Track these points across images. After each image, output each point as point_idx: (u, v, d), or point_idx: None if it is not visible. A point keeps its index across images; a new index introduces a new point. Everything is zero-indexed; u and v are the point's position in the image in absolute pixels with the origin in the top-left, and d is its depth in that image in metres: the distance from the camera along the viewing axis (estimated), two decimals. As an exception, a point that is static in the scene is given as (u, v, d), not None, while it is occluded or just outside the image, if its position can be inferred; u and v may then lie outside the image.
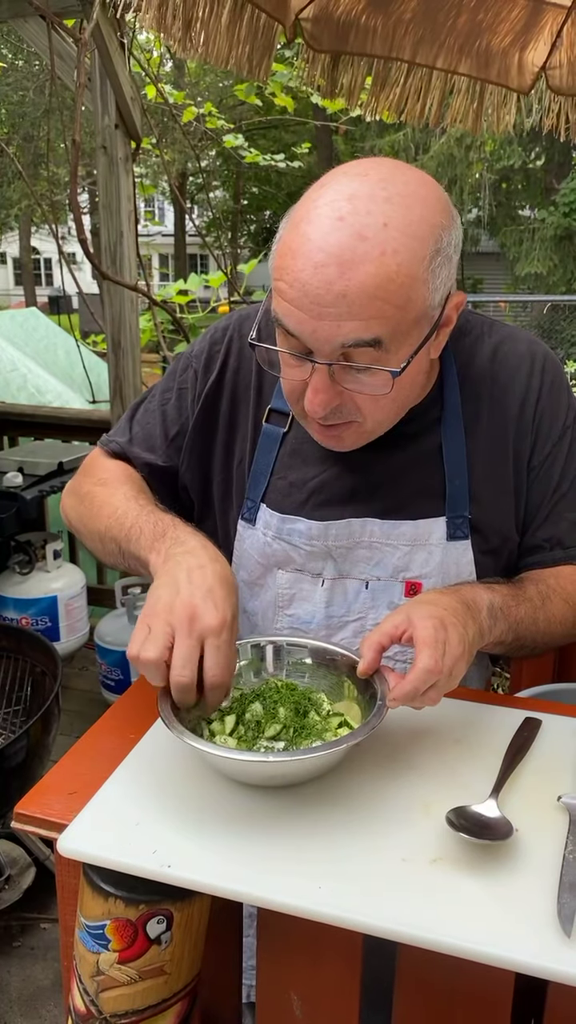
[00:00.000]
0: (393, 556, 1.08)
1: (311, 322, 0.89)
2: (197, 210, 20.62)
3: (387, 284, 0.86)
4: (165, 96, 3.72)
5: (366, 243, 0.86)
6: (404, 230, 0.87)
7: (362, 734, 0.82)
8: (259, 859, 0.76)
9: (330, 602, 1.10)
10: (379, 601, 1.09)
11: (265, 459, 1.11)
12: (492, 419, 1.09)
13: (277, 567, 1.12)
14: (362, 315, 0.87)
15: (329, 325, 0.88)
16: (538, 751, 0.92)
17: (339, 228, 0.86)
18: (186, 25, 1.78)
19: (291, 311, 0.90)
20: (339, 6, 2.01)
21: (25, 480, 2.99)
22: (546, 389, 1.10)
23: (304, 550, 1.09)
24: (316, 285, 0.87)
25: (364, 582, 1.09)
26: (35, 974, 2.03)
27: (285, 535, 1.09)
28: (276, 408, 1.12)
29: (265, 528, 1.11)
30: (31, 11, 2.56)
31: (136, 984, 0.78)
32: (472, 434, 1.08)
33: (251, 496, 1.12)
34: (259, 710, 0.91)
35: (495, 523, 1.10)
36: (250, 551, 1.13)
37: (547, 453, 1.10)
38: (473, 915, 0.70)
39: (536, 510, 1.11)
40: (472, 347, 1.10)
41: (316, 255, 0.87)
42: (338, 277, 0.86)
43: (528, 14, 2.03)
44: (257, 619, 1.16)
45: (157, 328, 3.62)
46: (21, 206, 16.44)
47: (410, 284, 0.88)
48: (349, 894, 0.72)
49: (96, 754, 0.94)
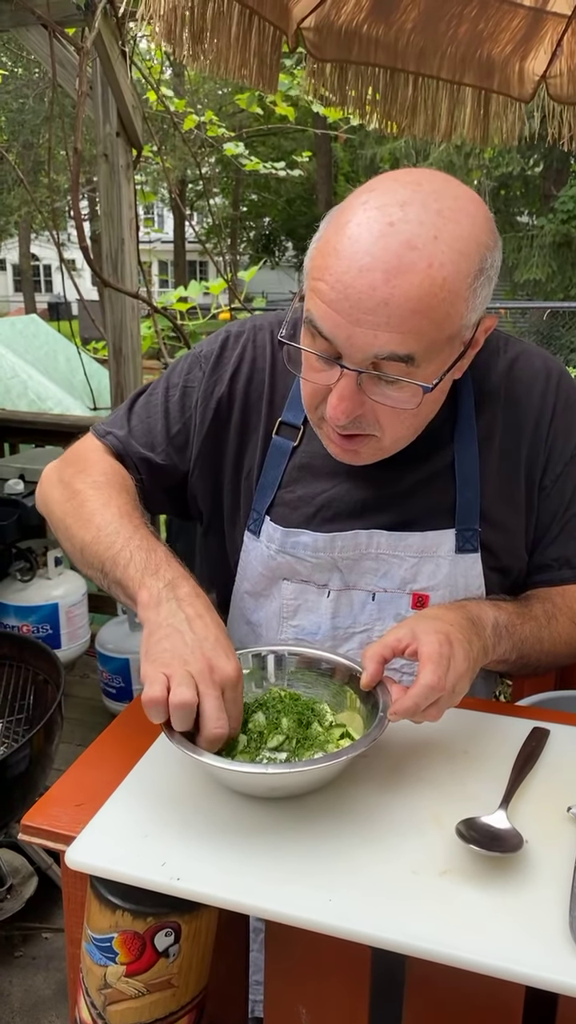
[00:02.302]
0: (400, 568, 1.07)
1: (347, 327, 0.86)
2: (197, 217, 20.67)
3: (430, 298, 0.84)
4: (166, 104, 3.73)
5: (415, 252, 0.83)
6: (453, 245, 0.85)
7: (363, 745, 0.82)
8: (268, 871, 0.76)
9: (336, 613, 1.09)
10: (386, 613, 1.08)
11: (273, 472, 1.10)
12: (505, 436, 1.08)
13: (282, 578, 1.11)
14: (401, 328, 0.85)
15: (365, 333, 0.86)
16: (546, 761, 0.92)
17: (389, 234, 0.84)
18: (195, 37, 1.79)
19: (328, 314, 0.87)
20: (340, 15, 2.02)
21: (26, 487, 2.99)
22: (560, 407, 1.09)
23: (310, 562, 1.08)
24: (359, 289, 0.84)
25: (371, 593, 1.08)
26: (37, 984, 2.02)
27: (289, 548, 1.08)
28: (287, 421, 1.10)
29: (268, 541, 1.10)
30: (33, 20, 2.56)
31: (144, 997, 0.78)
32: (485, 449, 1.07)
33: (256, 508, 1.11)
34: (262, 720, 0.90)
35: (505, 542, 1.09)
36: (254, 563, 1.12)
37: (559, 473, 1.09)
38: (483, 928, 0.69)
39: (546, 529, 1.11)
40: (488, 362, 1.09)
41: (363, 258, 0.84)
42: (383, 283, 0.83)
43: (528, 23, 2.04)
44: (262, 630, 1.16)
45: (158, 335, 3.63)
46: (21, 213, 16.47)
47: (451, 301, 0.86)
48: (358, 906, 0.71)
49: (102, 765, 0.93)
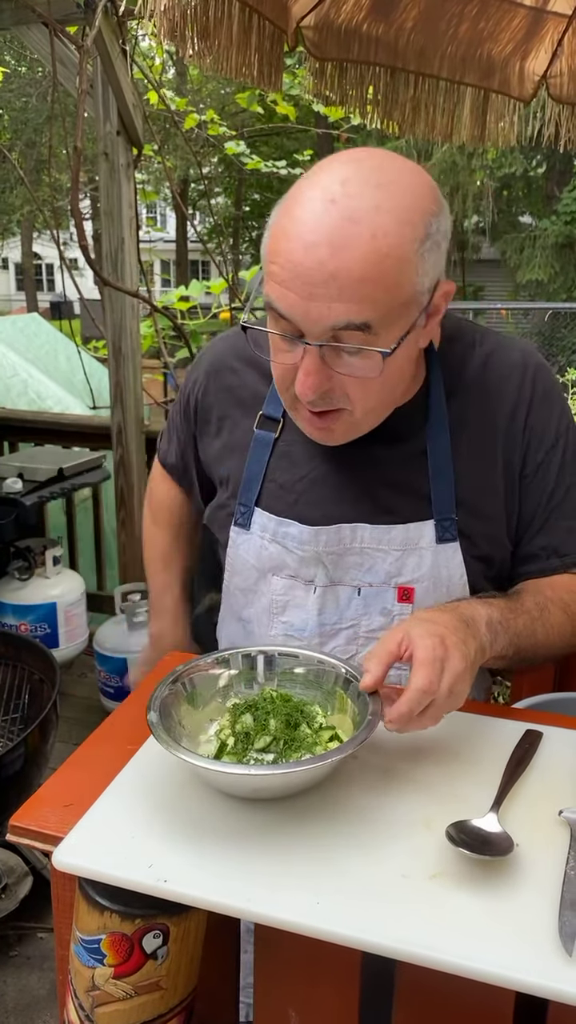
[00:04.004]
0: (385, 561, 1.08)
1: (302, 303, 0.90)
2: (199, 216, 20.67)
3: (377, 266, 0.88)
4: (167, 103, 3.73)
5: (357, 226, 0.87)
6: (395, 214, 0.88)
7: (350, 748, 0.81)
8: (257, 874, 0.75)
9: (322, 609, 1.10)
10: (372, 608, 1.09)
11: (257, 464, 1.13)
12: (480, 425, 1.09)
13: (271, 572, 1.12)
14: (352, 297, 0.88)
15: (319, 306, 0.89)
16: (539, 764, 0.91)
17: (331, 210, 0.88)
18: (197, 35, 1.78)
19: (283, 293, 0.91)
20: (340, 14, 2.01)
21: (25, 486, 2.98)
22: (537, 398, 1.09)
23: (297, 554, 1.10)
24: (308, 266, 0.88)
25: (356, 588, 1.09)
26: (31, 984, 2.02)
27: (280, 538, 1.10)
28: (267, 414, 1.14)
29: (262, 531, 1.12)
30: (34, 18, 2.56)
31: (132, 999, 0.77)
32: (458, 438, 1.08)
33: (244, 501, 1.13)
34: (250, 722, 0.90)
35: (483, 529, 1.09)
36: (245, 556, 1.14)
37: (539, 462, 1.10)
38: (473, 932, 0.69)
39: (531, 519, 1.11)
40: (463, 353, 1.11)
41: (308, 236, 0.88)
42: (329, 258, 0.87)
43: (529, 23, 2.03)
44: (253, 626, 1.17)
45: (158, 334, 3.63)
46: (23, 212, 16.46)
47: (399, 268, 0.89)
48: (347, 910, 0.71)
49: (92, 765, 0.93)
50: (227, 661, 0.99)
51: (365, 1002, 0.80)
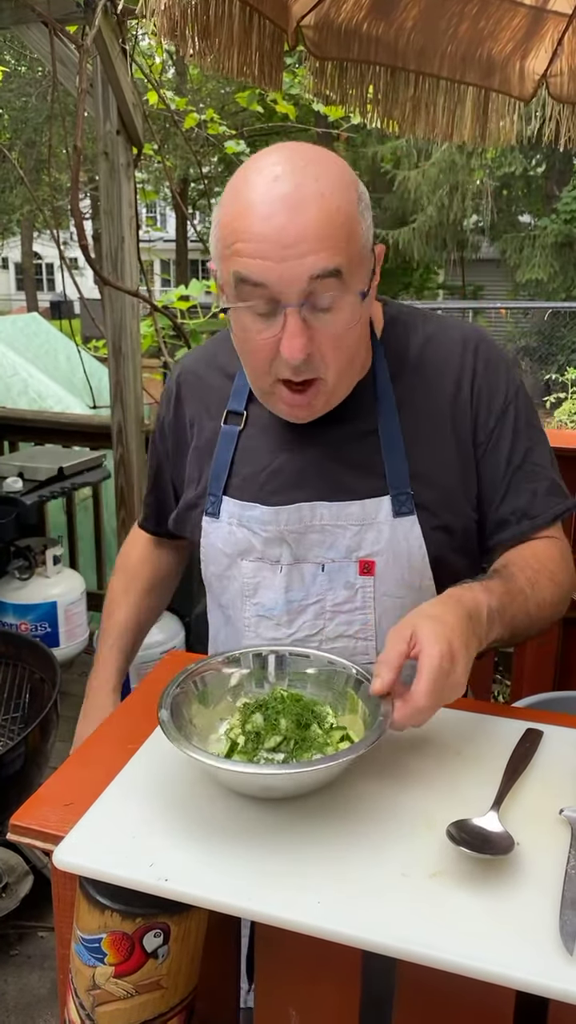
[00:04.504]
0: (344, 537, 1.12)
1: (277, 267, 0.96)
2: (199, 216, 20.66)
3: (332, 220, 0.97)
4: (167, 102, 3.72)
5: (305, 190, 0.96)
6: (332, 181, 0.98)
7: (360, 749, 0.81)
8: (257, 873, 0.75)
9: (289, 587, 1.14)
10: (336, 582, 1.13)
11: (224, 456, 1.19)
12: (426, 401, 1.14)
13: (240, 557, 1.17)
14: (319, 248, 0.96)
15: (293, 265, 0.96)
16: (540, 763, 0.91)
17: (278, 185, 0.96)
18: (197, 34, 1.78)
19: (254, 263, 0.97)
20: (340, 13, 2.01)
21: (25, 485, 2.99)
22: (481, 367, 1.15)
23: (261, 536, 1.14)
24: (273, 232, 0.95)
25: (320, 565, 1.13)
26: (32, 983, 2.02)
27: (246, 521, 1.15)
28: (232, 409, 1.20)
29: (230, 518, 1.17)
30: (33, 17, 2.56)
31: (132, 998, 0.77)
32: (405, 415, 1.13)
33: (213, 492, 1.19)
34: (260, 721, 0.90)
35: (441, 499, 1.13)
36: (216, 543, 1.19)
37: (492, 428, 1.14)
38: (473, 931, 0.69)
39: (495, 485, 1.15)
40: (404, 335, 1.17)
41: (263, 209, 0.96)
42: (289, 221, 0.95)
43: (529, 22, 2.03)
44: (230, 611, 1.21)
45: (158, 334, 3.62)
46: (23, 211, 16.44)
47: (349, 223, 0.98)
48: (348, 909, 0.71)
49: (93, 764, 0.93)
50: (238, 660, 0.99)
51: (366, 999, 0.80)
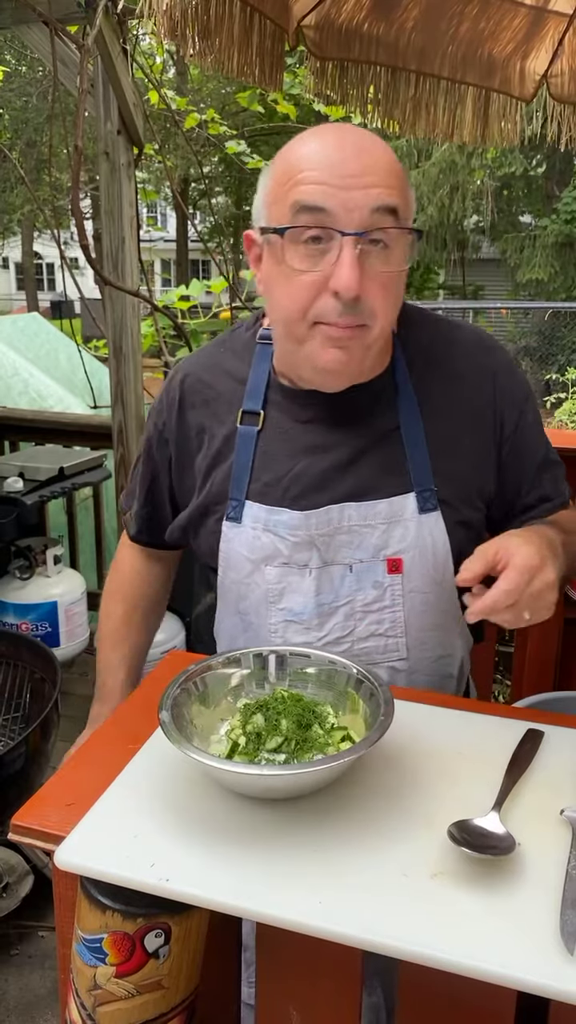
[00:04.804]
0: (372, 536, 1.13)
1: (341, 192, 0.98)
2: (199, 216, 20.65)
3: (394, 163, 1.03)
4: (168, 102, 3.72)
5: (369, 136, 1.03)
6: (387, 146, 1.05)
7: (362, 749, 0.81)
8: (258, 873, 0.75)
9: (319, 590, 1.14)
10: (364, 582, 1.14)
11: (244, 459, 1.17)
12: (445, 398, 1.16)
13: (264, 563, 1.15)
14: (384, 182, 1.00)
15: (356, 193, 0.98)
16: (541, 763, 0.91)
17: (344, 131, 1.03)
18: (200, 34, 1.78)
19: (319, 189, 0.99)
20: (341, 14, 2.01)
21: (26, 485, 2.98)
22: (502, 367, 1.20)
23: (289, 541, 1.13)
24: (339, 161, 0.99)
25: (348, 566, 1.14)
26: (32, 982, 2.02)
27: (272, 527, 1.14)
28: (248, 409, 1.18)
29: (254, 522, 1.15)
30: (34, 17, 2.56)
31: (134, 998, 0.77)
32: (426, 413, 1.15)
33: (235, 496, 1.17)
34: (261, 722, 0.90)
35: (461, 494, 1.16)
36: (238, 549, 1.16)
37: (517, 424, 1.19)
38: (474, 931, 0.69)
39: (521, 478, 1.21)
40: (419, 333, 1.20)
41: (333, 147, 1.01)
42: (356, 156, 1.00)
43: (529, 22, 2.03)
44: (251, 617, 1.19)
45: (158, 333, 3.62)
46: (24, 211, 16.45)
47: (405, 175, 1.04)
48: (349, 909, 0.71)
49: (94, 764, 0.93)
50: (239, 661, 0.99)
51: (367, 1000, 0.80)
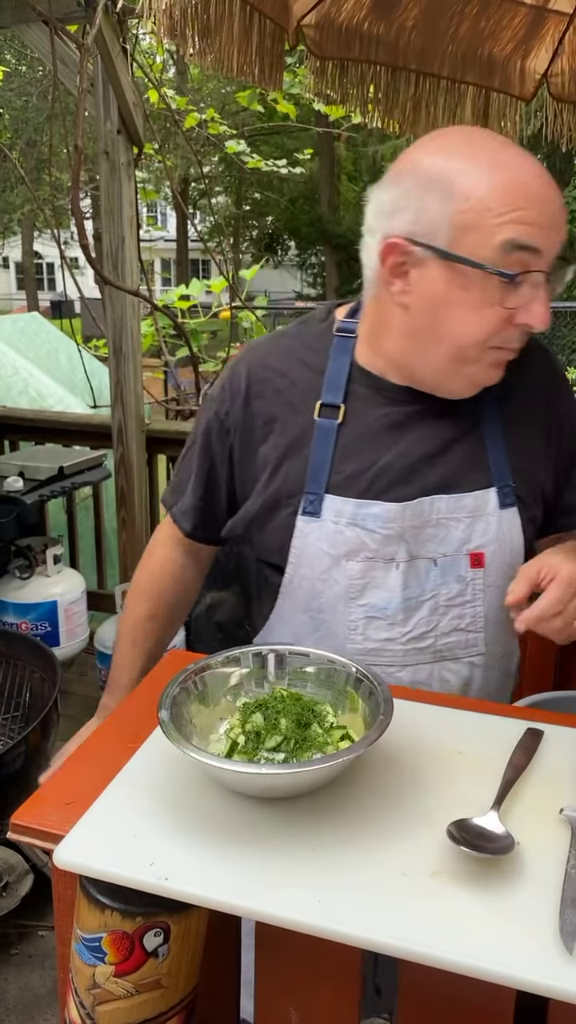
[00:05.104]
0: (457, 530, 1.13)
1: (553, 234, 0.99)
2: (199, 215, 20.65)
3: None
4: (168, 102, 3.73)
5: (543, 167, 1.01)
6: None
7: (361, 748, 0.81)
8: (257, 872, 0.75)
9: (406, 584, 1.13)
10: (448, 577, 1.14)
11: (323, 452, 1.13)
12: (520, 394, 1.18)
13: (346, 558, 1.13)
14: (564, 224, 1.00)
15: (557, 234, 0.99)
16: (540, 762, 0.91)
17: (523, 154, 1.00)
18: (200, 33, 1.78)
19: (536, 231, 0.98)
20: (341, 13, 2.01)
21: (26, 484, 2.98)
22: (558, 365, 1.24)
23: (379, 534, 1.11)
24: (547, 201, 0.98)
25: (433, 560, 1.13)
26: (32, 982, 2.02)
27: (360, 520, 1.12)
28: (327, 402, 1.15)
29: (336, 516, 1.12)
30: (34, 17, 2.56)
31: (133, 998, 0.77)
32: (504, 408, 1.17)
33: (312, 490, 1.13)
34: (260, 721, 0.90)
35: (532, 491, 1.18)
36: (316, 543, 1.13)
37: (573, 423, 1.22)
38: (473, 930, 0.69)
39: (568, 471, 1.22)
40: None
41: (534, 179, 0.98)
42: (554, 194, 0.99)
43: (530, 22, 2.03)
44: (325, 615, 1.16)
45: (159, 333, 3.63)
46: (24, 211, 16.45)
47: None
48: (348, 908, 0.71)
49: (94, 763, 0.93)
50: (238, 660, 0.99)
51: (366, 999, 0.80)
